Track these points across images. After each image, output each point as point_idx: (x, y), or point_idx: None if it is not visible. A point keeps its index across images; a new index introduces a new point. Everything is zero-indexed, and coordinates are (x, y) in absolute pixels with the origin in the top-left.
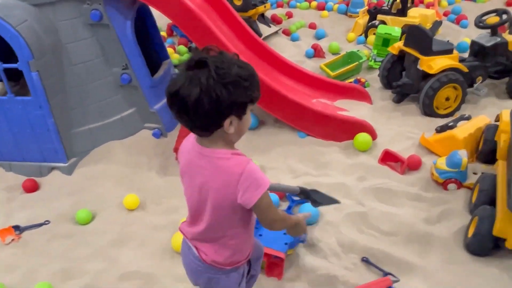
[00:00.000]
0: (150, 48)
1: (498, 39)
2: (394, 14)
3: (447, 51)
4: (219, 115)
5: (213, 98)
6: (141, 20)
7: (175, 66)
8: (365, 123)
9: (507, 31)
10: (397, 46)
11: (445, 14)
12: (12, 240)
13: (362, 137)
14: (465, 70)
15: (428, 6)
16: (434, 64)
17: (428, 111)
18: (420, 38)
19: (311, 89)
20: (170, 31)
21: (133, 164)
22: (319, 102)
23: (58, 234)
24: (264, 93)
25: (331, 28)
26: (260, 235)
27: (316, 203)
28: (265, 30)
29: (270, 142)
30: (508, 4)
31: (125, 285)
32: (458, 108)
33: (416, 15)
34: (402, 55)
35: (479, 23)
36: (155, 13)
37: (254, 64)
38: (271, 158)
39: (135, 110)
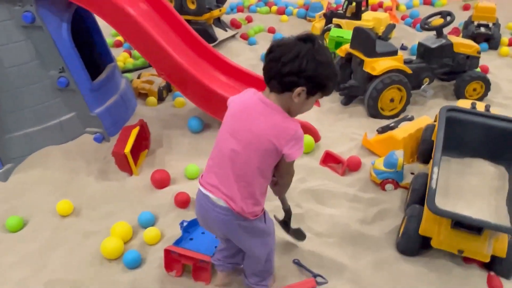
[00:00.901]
0: (94, 51)
1: (443, 41)
2: (349, 18)
3: (391, 53)
4: (297, 80)
5: (302, 64)
6: (83, 23)
7: (129, 71)
8: (307, 125)
9: (460, 34)
10: (344, 48)
11: (403, 18)
12: None
13: (305, 140)
14: (409, 71)
15: (386, 10)
16: (377, 65)
17: (373, 112)
18: (365, 40)
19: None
20: None
21: (71, 169)
22: None
23: None
24: (205, 96)
25: (289, 32)
26: (191, 239)
27: (287, 228)
28: (221, 34)
29: None
30: (465, 8)
31: None
32: (403, 109)
33: (370, 18)
34: (350, 57)
35: (425, 25)
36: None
37: (201, 68)
38: None
39: (75, 115)
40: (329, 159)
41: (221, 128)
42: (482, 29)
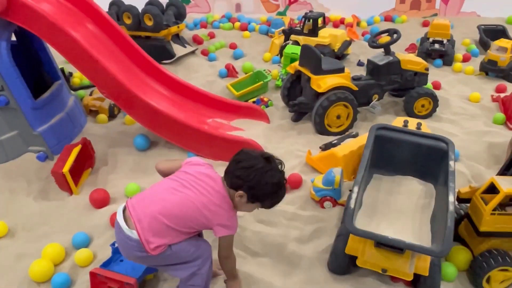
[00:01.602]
0: (40, 68)
1: (391, 58)
2: (306, 34)
3: (338, 70)
4: (242, 184)
5: (250, 175)
6: (29, 41)
7: (86, 87)
8: (251, 142)
9: (415, 52)
10: (294, 65)
11: (363, 34)
12: None
13: None
14: (355, 88)
15: (347, 26)
16: (323, 83)
17: (320, 129)
18: (311, 58)
19: (209, 109)
20: None
21: (10, 189)
22: (215, 122)
23: None
24: (148, 114)
25: (250, 48)
26: (121, 260)
27: None
28: (179, 50)
29: None
30: (425, 25)
31: None
32: (351, 126)
33: (326, 35)
34: (299, 74)
35: (372, 43)
36: None
37: (147, 86)
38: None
39: (17, 133)
40: None
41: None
42: (437, 46)
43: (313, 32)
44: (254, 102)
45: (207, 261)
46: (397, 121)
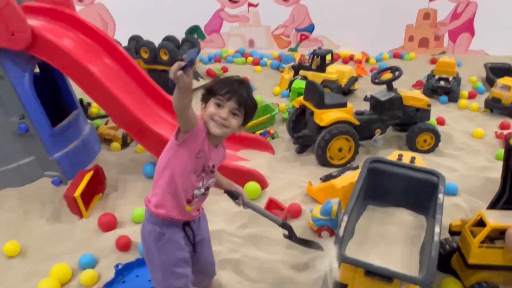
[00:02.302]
0: (59, 98)
1: (393, 94)
2: (314, 70)
3: (340, 105)
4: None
5: None
6: (49, 71)
7: (102, 117)
8: (254, 172)
9: (422, 89)
10: (299, 100)
11: (372, 70)
12: None
13: (251, 186)
14: (356, 123)
15: (356, 62)
16: (325, 117)
17: (322, 161)
18: (315, 93)
19: None
20: None
21: (25, 211)
22: None
23: None
24: (157, 143)
25: (261, 82)
26: (124, 281)
27: (297, 240)
28: (193, 83)
29: None
30: (433, 62)
31: None
32: (352, 159)
33: (334, 71)
34: (304, 108)
35: (375, 80)
36: None
37: (158, 117)
38: None
39: (34, 158)
40: (273, 206)
41: None
42: (442, 83)
43: (321, 68)
44: (261, 133)
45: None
46: (393, 155)
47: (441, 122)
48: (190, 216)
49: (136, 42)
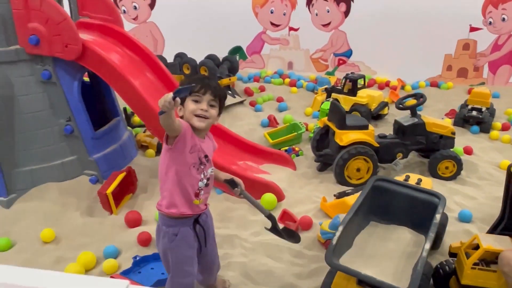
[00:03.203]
0: (104, 105)
1: (416, 120)
2: (346, 94)
3: (361, 127)
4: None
5: None
6: (97, 81)
7: (136, 126)
8: (272, 185)
9: (453, 118)
10: (323, 120)
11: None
12: None
13: (268, 197)
14: (375, 145)
15: (392, 88)
16: (345, 137)
17: (340, 179)
18: (337, 114)
19: (243, 153)
20: None
21: (63, 204)
22: (245, 164)
23: None
24: None
25: (295, 102)
26: (139, 272)
27: (278, 234)
28: (228, 100)
29: None
30: (470, 92)
31: None
32: None
33: (364, 95)
34: (327, 129)
35: (399, 105)
36: None
37: None
38: None
39: (76, 158)
40: (286, 217)
41: None
42: (474, 113)
43: (352, 91)
44: (286, 150)
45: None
46: (401, 177)
47: (468, 151)
48: (199, 210)
49: (180, 59)
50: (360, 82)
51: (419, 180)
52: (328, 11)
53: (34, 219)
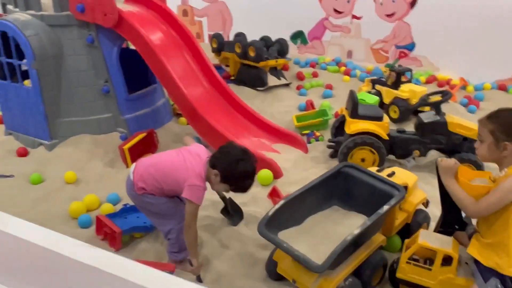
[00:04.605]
0: (146, 71)
1: (438, 118)
2: (389, 86)
3: (374, 118)
4: (218, 164)
5: (222, 158)
6: None
7: None
8: (270, 162)
9: None
10: (342, 108)
11: (466, 97)
12: None
13: (264, 173)
14: (385, 137)
15: (452, 87)
16: (353, 126)
17: None
18: (351, 102)
19: (259, 130)
20: None
21: (92, 153)
22: (259, 141)
23: (12, 185)
24: (207, 130)
25: (342, 91)
26: (125, 217)
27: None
28: (272, 81)
29: None
30: None
31: None
32: None
33: (406, 89)
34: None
35: (422, 101)
36: None
37: (214, 100)
38: None
39: (111, 116)
40: (274, 194)
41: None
42: None
43: (395, 85)
44: (307, 133)
45: (182, 221)
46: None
47: None
48: None
49: (238, 38)
50: (407, 75)
51: (392, 174)
52: (394, 1)
53: (65, 163)
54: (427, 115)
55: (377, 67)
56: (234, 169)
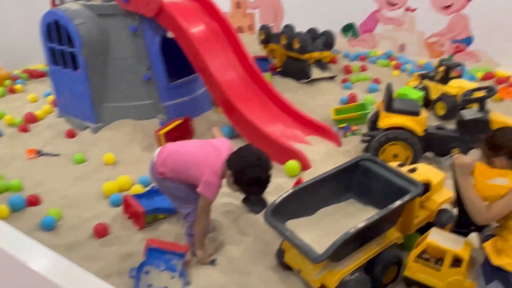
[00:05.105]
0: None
1: (480, 115)
2: (437, 81)
3: (410, 112)
4: (232, 166)
5: (238, 161)
6: None
7: None
8: (299, 153)
9: None
10: (379, 102)
11: None
12: (32, 158)
13: (291, 163)
14: (420, 133)
15: (510, 86)
16: (386, 120)
17: None
18: (387, 96)
19: (294, 122)
20: None
21: (132, 138)
22: (292, 132)
23: (58, 163)
24: (243, 124)
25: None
26: (152, 198)
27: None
28: (316, 73)
29: None
30: None
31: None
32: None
33: (455, 85)
34: None
35: (464, 97)
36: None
37: (251, 91)
38: None
39: (151, 102)
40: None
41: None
42: None
43: (444, 80)
44: (343, 127)
45: None
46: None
47: None
48: None
49: (287, 30)
50: (456, 71)
51: (413, 169)
52: None
53: (107, 145)
54: (470, 112)
55: (429, 62)
56: (245, 174)
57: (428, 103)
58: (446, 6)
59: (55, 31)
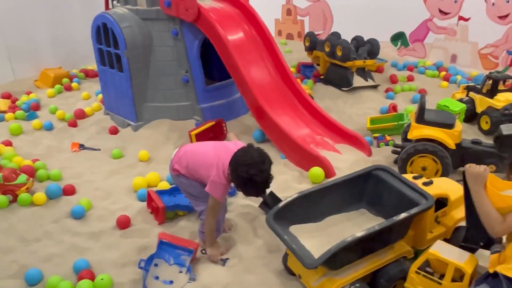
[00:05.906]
0: None
1: None
2: (484, 94)
3: (443, 125)
4: (230, 164)
5: (235, 161)
6: None
7: None
8: (324, 160)
9: None
10: (413, 112)
11: None
12: (75, 151)
13: (315, 170)
14: (451, 147)
15: None
16: (416, 131)
17: (402, 174)
18: (419, 106)
19: (324, 129)
20: (298, 69)
21: (167, 137)
22: (321, 139)
23: (97, 157)
24: (269, 125)
25: (436, 97)
26: (174, 195)
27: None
28: (358, 81)
29: None
30: None
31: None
32: None
33: (502, 99)
34: None
35: (504, 111)
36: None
37: (283, 98)
38: None
39: (189, 104)
40: None
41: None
42: None
43: (490, 93)
44: (377, 137)
45: None
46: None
47: None
48: None
49: (332, 37)
50: (506, 83)
51: (429, 182)
52: (508, 1)
53: (144, 143)
54: (509, 127)
55: (482, 73)
56: (237, 174)
57: (473, 116)
58: (502, 16)
59: (104, 33)
